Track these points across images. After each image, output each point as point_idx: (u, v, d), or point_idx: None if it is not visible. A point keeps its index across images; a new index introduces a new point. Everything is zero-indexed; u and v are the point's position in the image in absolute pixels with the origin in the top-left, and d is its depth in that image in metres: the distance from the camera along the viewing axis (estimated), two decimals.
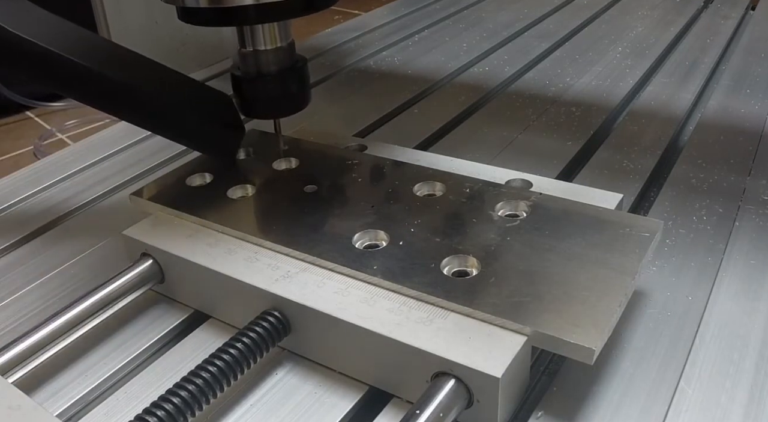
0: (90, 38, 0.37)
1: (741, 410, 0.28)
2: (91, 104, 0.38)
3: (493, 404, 0.26)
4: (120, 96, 0.37)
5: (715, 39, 0.70)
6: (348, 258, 0.32)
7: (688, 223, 0.40)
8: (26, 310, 0.37)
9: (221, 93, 0.42)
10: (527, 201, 0.35)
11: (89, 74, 0.36)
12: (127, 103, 0.38)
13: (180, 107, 0.39)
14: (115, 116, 0.40)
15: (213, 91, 0.42)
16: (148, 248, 0.35)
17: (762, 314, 0.33)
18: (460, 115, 0.56)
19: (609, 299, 0.28)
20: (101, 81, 0.36)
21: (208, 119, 0.40)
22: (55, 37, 0.35)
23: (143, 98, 0.37)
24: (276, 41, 0.38)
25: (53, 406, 0.30)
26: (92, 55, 0.36)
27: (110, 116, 0.40)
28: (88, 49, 0.36)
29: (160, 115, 0.39)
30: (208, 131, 0.40)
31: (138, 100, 0.37)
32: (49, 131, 1.31)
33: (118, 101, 0.37)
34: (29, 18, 0.35)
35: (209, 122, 0.40)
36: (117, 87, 0.37)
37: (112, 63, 0.37)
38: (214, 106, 0.41)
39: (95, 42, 0.38)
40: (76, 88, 0.37)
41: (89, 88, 0.36)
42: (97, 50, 0.37)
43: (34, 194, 0.49)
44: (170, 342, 0.34)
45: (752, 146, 0.48)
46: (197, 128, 0.40)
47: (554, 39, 0.72)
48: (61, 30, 0.36)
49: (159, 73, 0.39)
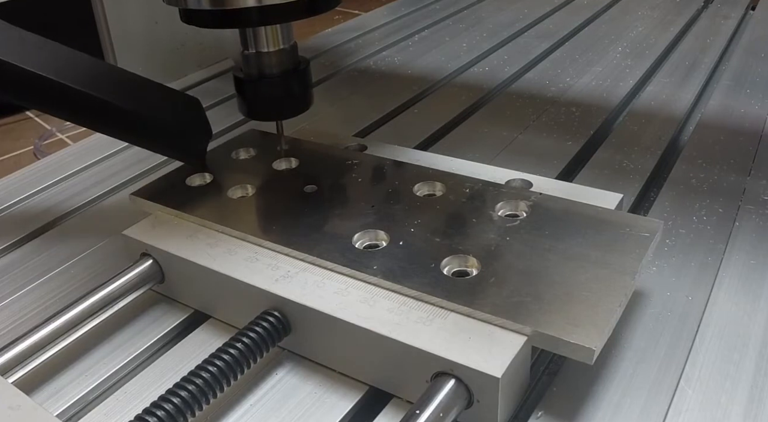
0: (50, 48, 0.37)
1: (741, 410, 0.28)
2: (55, 115, 0.38)
3: (493, 404, 0.26)
4: (79, 104, 0.37)
5: (715, 39, 0.70)
6: (348, 258, 0.32)
7: (688, 223, 0.40)
8: (26, 310, 0.37)
9: (189, 96, 0.41)
10: (527, 201, 0.35)
11: (49, 85, 0.35)
12: (91, 113, 0.37)
13: (149, 116, 0.38)
14: (82, 126, 0.40)
15: (181, 95, 0.41)
16: (148, 248, 0.35)
17: (762, 314, 0.33)
18: (460, 115, 0.56)
19: (609, 299, 0.28)
20: (61, 91, 0.36)
21: (179, 126, 0.39)
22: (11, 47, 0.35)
23: (105, 107, 0.37)
24: (279, 43, 0.38)
25: (53, 406, 0.30)
26: (52, 65, 0.36)
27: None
28: (48, 59, 0.36)
29: (125, 123, 0.38)
30: (178, 137, 0.40)
31: (101, 109, 0.37)
32: (49, 131, 1.31)
33: (79, 111, 0.37)
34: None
35: (179, 129, 0.39)
36: (75, 96, 0.36)
37: (73, 72, 0.36)
38: (184, 111, 0.40)
39: (56, 52, 0.37)
40: (36, 100, 0.36)
41: (49, 98, 0.36)
42: (57, 60, 0.36)
43: (34, 194, 0.49)
44: (170, 342, 0.34)
45: (752, 146, 0.48)
46: (168, 136, 0.39)
47: (554, 39, 0.72)
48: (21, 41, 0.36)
49: (122, 80, 0.39)
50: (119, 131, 0.39)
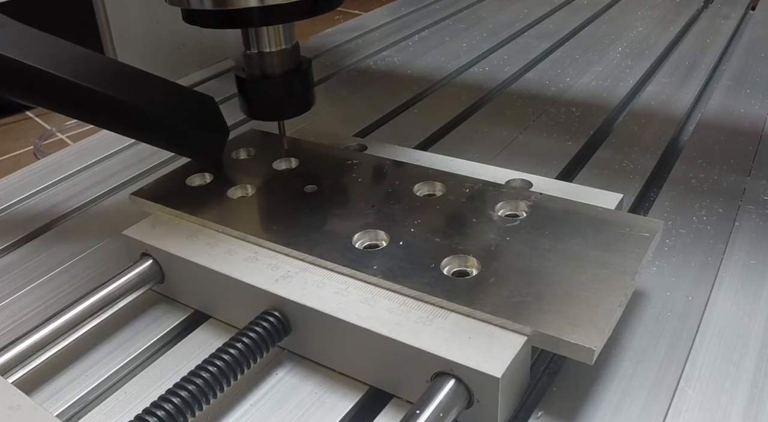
0: (66, 48, 0.37)
1: (741, 410, 0.28)
2: (70, 115, 0.38)
3: (493, 404, 0.26)
4: (98, 106, 0.37)
5: (715, 39, 0.70)
6: (348, 258, 0.32)
7: (688, 223, 0.40)
8: (26, 310, 0.37)
9: (205, 96, 0.41)
10: (527, 201, 0.35)
11: (67, 85, 0.35)
12: (107, 113, 0.37)
13: (164, 115, 0.38)
14: (96, 125, 0.40)
15: (197, 94, 0.41)
16: (148, 248, 0.35)
17: (762, 314, 0.33)
18: (460, 115, 0.56)
19: (609, 299, 0.28)
20: (79, 91, 0.36)
21: (194, 125, 0.39)
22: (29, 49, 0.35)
23: (124, 108, 0.37)
24: (280, 43, 0.38)
25: (53, 406, 0.30)
26: (70, 66, 0.36)
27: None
28: (66, 60, 0.36)
29: (143, 124, 0.38)
30: (194, 136, 0.40)
31: (119, 110, 0.37)
32: (49, 131, 1.31)
33: (96, 111, 0.37)
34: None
35: (195, 127, 0.40)
36: (95, 97, 0.36)
37: (90, 73, 0.36)
38: (199, 110, 0.40)
39: (72, 52, 0.37)
40: (55, 100, 0.36)
41: (66, 99, 0.36)
42: (74, 61, 0.36)
43: (34, 194, 0.49)
44: (170, 342, 0.34)
45: (752, 146, 0.48)
46: (183, 135, 0.39)
47: (554, 39, 0.72)
48: (36, 42, 0.36)
49: (140, 80, 0.39)
50: (136, 131, 0.39)
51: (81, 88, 0.36)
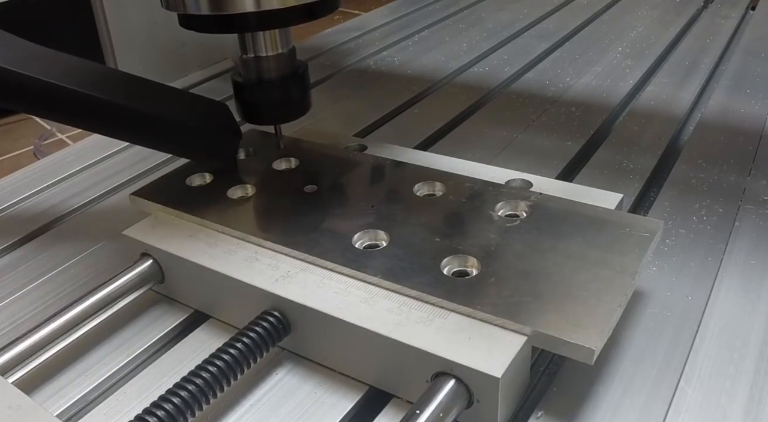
0: (75, 63, 0.37)
1: (741, 410, 0.28)
2: (85, 128, 0.38)
3: (493, 404, 0.26)
4: (113, 118, 0.37)
5: (715, 39, 0.70)
6: (348, 258, 0.32)
7: (688, 223, 0.40)
8: (26, 310, 0.37)
9: (217, 102, 0.42)
10: (527, 201, 0.35)
11: (79, 98, 0.35)
12: (121, 124, 0.37)
13: (178, 123, 0.38)
14: (111, 137, 0.40)
15: (208, 101, 0.42)
16: (148, 248, 0.35)
17: (762, 314, 0.33)
18: (460, 115, 0.56)
19: (609, 299, 0.28)
20: (92, 104, 0.36)
21: (207, 131, 0.40)
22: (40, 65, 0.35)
23: (138, 118, 0.37)
24: (277, 47, 0.38)
25: (53, 406, 0.30)
26: (81, 79, 0.36)
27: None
28: (77, 74, 0.36)
29: (158, 134, 0.38)
30: (207, 143, 0.40)
31: (134, 120, 0.37)
32: (49, 131, 1.31)
33: (111, 123, 0.37)
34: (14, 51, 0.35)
35: (208, 135, 0.40)
36: (109, 108, 0.36)
37: (103, 85, 0.37)
38: (212, 117, 0.41)
39: (81, 66, 0.37)
40: (78, 115, 0.36)
41: (81, 113, 0.36)
42: (86, 74, 0.37)
43: (34, 194, 0.49)
44: (170, 342, 0.34)
45: (752, 146, 0.48)
46: (197, 142, 0.40)
47: (554, 39, 0.72)
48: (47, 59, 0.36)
49: (151, 91, 0.39)
50: (150, 139, 0.40)
51: (104, 104, 0.36)
